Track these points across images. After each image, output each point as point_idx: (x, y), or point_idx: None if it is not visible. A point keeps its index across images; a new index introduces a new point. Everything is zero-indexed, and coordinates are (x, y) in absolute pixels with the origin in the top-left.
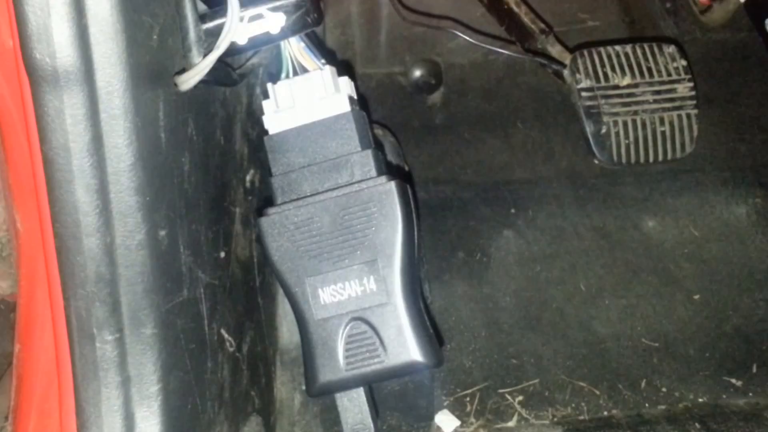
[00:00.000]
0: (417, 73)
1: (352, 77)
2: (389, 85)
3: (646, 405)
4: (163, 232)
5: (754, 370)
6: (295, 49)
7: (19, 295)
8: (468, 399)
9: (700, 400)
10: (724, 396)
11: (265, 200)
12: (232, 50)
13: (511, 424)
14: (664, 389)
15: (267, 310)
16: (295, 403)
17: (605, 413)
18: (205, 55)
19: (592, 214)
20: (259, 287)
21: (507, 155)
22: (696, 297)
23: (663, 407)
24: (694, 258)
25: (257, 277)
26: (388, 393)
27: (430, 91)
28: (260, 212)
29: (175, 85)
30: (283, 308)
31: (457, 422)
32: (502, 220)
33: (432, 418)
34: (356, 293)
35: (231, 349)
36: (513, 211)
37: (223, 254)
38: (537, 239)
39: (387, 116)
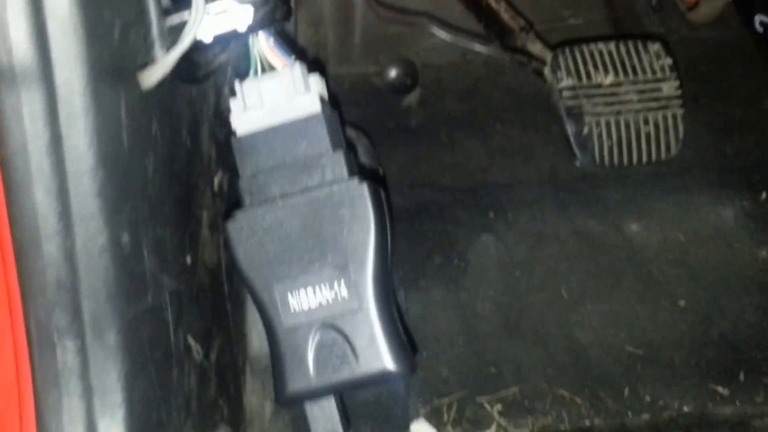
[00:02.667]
0: (392, 73)
1: (324, 76)
2: (363, 85)
3: (629, 414)
4: (125, 237)
5: (742, 377)
6: (264, 45)
7: None
8: (445, 407)
9: (686, 409)
10: (711, 405)
11: (232, 203)
12: (198, 46)
13: None
14: (648, 398)
15: (236, 318)
16: (265, 412)
17: (587, 422)
18: (168, 51)
19: (573, 218)
20: (228, 294)
21: (485, 157)
22: (681, 303)
23: (647, 416)
24: (679, 262)
25: (226, 283)
26: (362, 401)
27: (406, 92)
28: (227, 215)
29: (138, 81)
30: (253, 315)
31: (433, 431)
32: (480, 224)
33: (407, 427)
34: (327, 299)
35: (198, 358)
36: (492, 214)
37: (189, 259)
38: (516, 244)
39: (361, 118)
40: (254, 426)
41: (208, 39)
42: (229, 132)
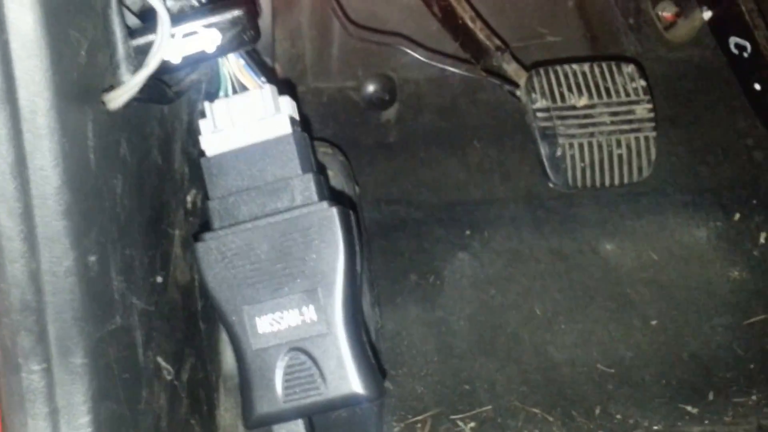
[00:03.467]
0: (370, 88)
1: (296, 95)
2: (341, 100)
3: None
4: (93, 258)
5: (711, 397)
6: (234, 66)
7: None
8: (419, 425)
9: (656, 427)
10: (680, 424)
11: (202, 224)
12: (166, 68)
13: None
14: (618, 416)
15: (209, 335)
16: (239, 430)
17: None
18: (135, 73)
19: (549, 237)
20: (201, 312)
21: (463, 175)
22: (653, 322)
23: None
24: (652, 282)
25: (199, 301)
26: (335, 419)
27: (384, 108)
28: (197, 237)
29: (103, 103)
30: None
31: None
32: (456, 242)
33: None
34: (296, 323)
35: (169, 377)
36: (468, 232)
37: (160, 279)
38: (492, 262)
39: (339, 133)
40: None
41: (176, 60)
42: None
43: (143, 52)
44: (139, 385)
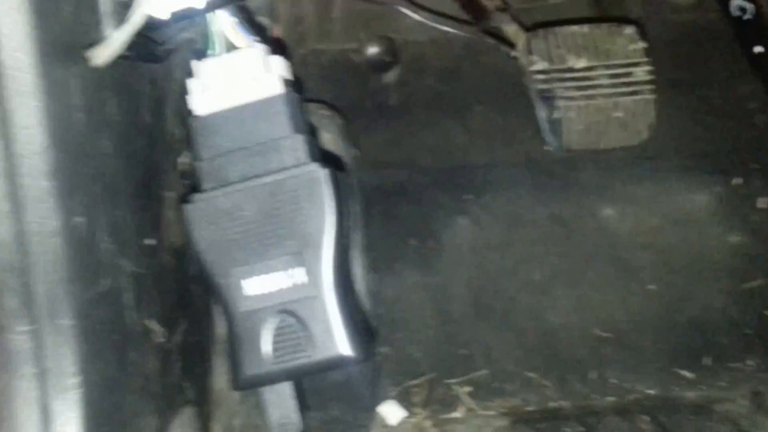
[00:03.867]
0: (372, 50)
1: (292, 57)
2: (342, 62)
3: (595, 396)
4: (80, 219)
5: (707, 362)
6: (226, 24)
7: None
8: (416, 389)
9: (650, 392)
10: (675, 388)
11: (191, 186)
12: (155, 25)
13: (457, 414)
14: (614, 381)
15: (203, 299)
16: (234, 393)
17: (553, 404)
18: (118, 29)
19: (548, 201)
20: (195, 275)
21: (464, 139)
22: (651, 287)
23: (612, 399)
24: (651, 247)
25: (192, 264)
26: (330, 383)
27: (386, 70)
28: (185, 199)
29: (88, 59)
30: None
31: (404, 413)
32: (456, 206)
33: (374, 409)
34: (284, 285)
35: (160, 340)
36: (468, 197)
37: (151, 241)
38: (492, 226)
39: (339, 95)
40: (222, 407)
41: (164, 16)
42: None
43: (128, 6)
44: (129, 348)
